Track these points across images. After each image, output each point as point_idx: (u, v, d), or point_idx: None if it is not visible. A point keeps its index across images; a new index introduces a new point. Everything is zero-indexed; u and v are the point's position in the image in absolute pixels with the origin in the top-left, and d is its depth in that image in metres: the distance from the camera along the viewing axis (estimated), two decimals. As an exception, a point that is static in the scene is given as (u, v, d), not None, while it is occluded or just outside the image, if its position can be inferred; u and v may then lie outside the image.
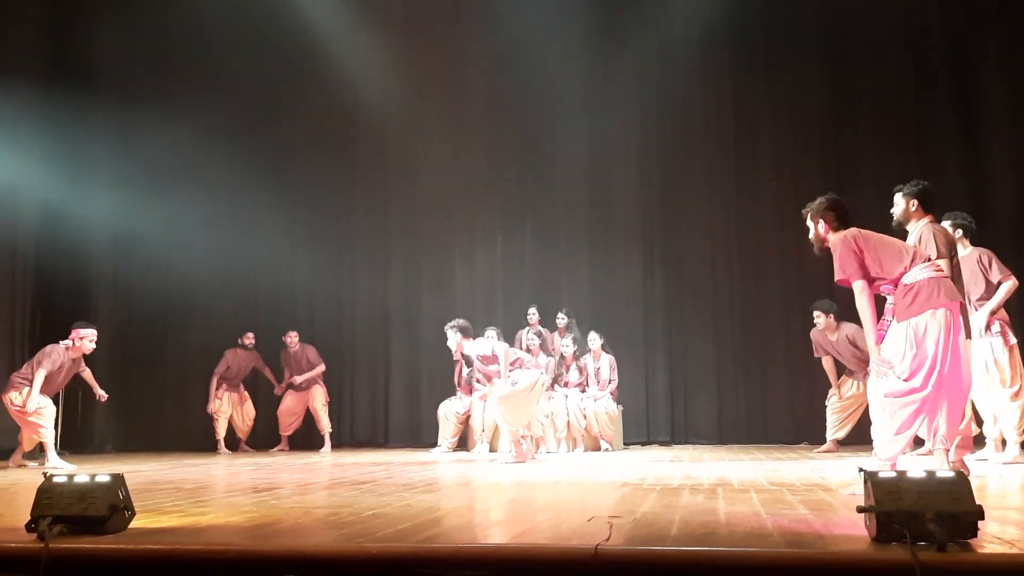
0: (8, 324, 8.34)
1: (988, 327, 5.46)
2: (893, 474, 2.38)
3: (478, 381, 8.18)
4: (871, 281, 3.87)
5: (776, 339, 8.99)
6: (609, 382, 8.39)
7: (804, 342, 7.89)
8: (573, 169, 9.80)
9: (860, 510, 2.39)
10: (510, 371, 6.64)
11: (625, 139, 9.76)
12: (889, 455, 3.77)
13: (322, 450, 8.99)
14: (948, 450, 3.82)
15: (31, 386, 6.66)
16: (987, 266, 5.56)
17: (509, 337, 8.79)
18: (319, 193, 10.16)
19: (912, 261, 3.83)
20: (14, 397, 6.72)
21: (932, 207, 4.69)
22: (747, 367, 9.19)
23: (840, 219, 4.04)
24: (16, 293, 8.49)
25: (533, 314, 8.76)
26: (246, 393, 9.40)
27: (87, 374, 7.22)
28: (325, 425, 9.23)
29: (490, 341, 7.24)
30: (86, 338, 6.95)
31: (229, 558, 2.43)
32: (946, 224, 5.73)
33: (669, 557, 2.28)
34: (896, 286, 3.85)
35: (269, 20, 9.64)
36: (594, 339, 8.48)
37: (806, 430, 8.36)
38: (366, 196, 10.25)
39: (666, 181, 9.69)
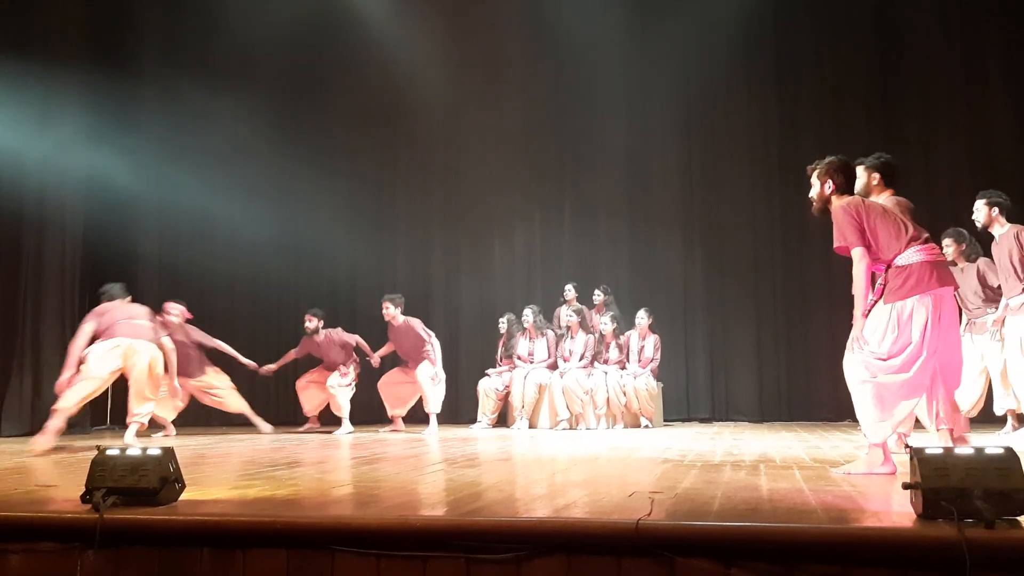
0: (58, 301, 8.56)
1: None
2: (940, 450, 2.34)
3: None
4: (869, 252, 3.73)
5: (819, 315, 8.85)
6: (651, 360, 8.37)
7: (847, 317, 7.75)
8: (612, 148, 9.74)
9: (906, 487, 2.36)
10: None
11: (665, 118, 9.65)
12: (878, 439, 3.67)
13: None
14: (952, 430, 3.71)
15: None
16: (1022, 243, 5.43)
17: (548, 315, 8.81)
18: (360, 173, 10.23)
19: (908, 242, 3.68)
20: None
21: (894, 182, 4.42)
22: (789, 344, 9.09)
23: (848, 184, 3.90)
24: (65, 271, 8.70)
25: (569, 291, 8.74)
26: (332, 372, 8.67)
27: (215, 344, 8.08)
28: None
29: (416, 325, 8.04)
30: (171, 312, 7.55)
31: (276, 529, 2.48)
32: (980, 203, 5.62)
33: (711, 532, 2.27)
34: (888, 267, 3.72)
35: (311, -2, 9.68)
36: (642, 317, 8.45)
37: (849, 407, 8.19)
38: (406, 176, 10.30)
39: (707, 159, 9.59)
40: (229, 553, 2.46)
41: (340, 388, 8.27)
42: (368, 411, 9.72)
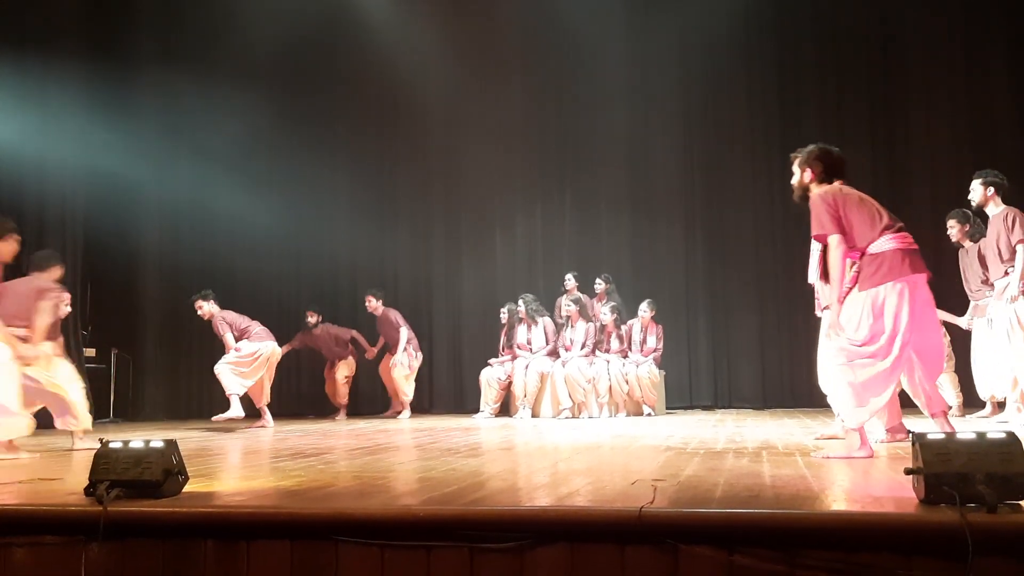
0: (60, 297, 8.53)
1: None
2: (942, 436, 2.34)
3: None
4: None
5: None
6: (654, 351, 8.37)
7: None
8: (613, 138, 9.72)
9: (908, 472, 2.36)
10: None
11: (666, 108, 9.64)
12: (855, 424, 3.69)
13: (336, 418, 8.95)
14: (945, 412, 3.77)
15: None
16: (1010, 226, 5.43)
17: (549, 304, 8.81)
18: (361, 166, 10.22)
19: (882, 231, 3.72)
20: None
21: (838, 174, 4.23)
22: (791, 330, 9.09)
23: (827, 172, 3.96)
24: (66, 266, 8.67)
25: (570, 280, 8.74)
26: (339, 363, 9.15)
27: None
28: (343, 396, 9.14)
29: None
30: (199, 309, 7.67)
31: (280, 520, 2.49)
32: (976, 182, 5.62)
33: (714, 519, 2.28)
34: (862, 255, 3.77)
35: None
36: (645, 309, 8.44)
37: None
38: (407, 168, 10.29)
39: (707, 149, 9.57)
40: (233, 544, 2.47)
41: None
42: (371, 402, 9.76)
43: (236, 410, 7.22)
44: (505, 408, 8.56)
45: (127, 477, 2.65)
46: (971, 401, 6.63)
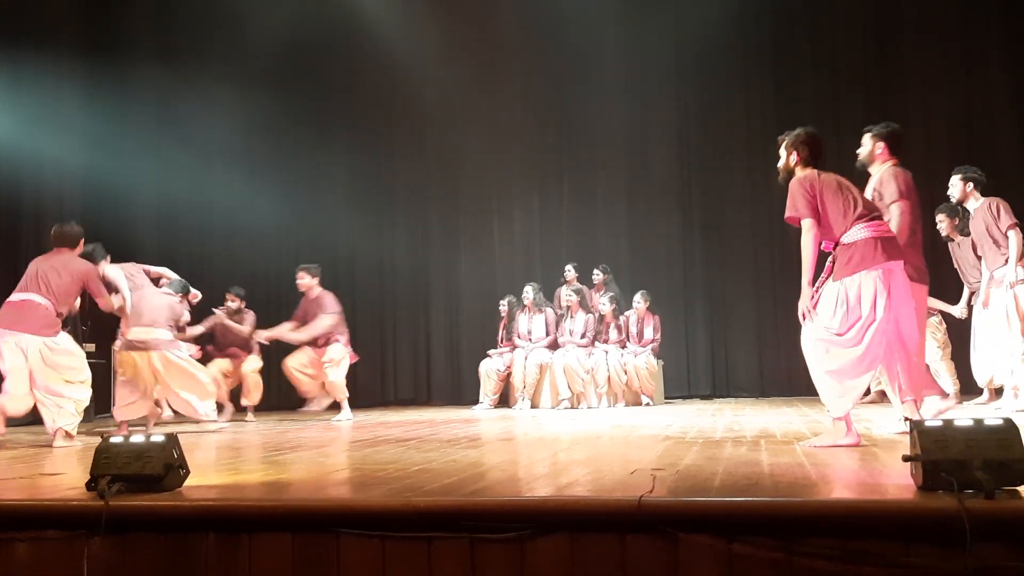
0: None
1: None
2: (940, 423, 2.35)
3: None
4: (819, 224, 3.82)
5: (818, 290, 8.86)
6: (652, 341, 8.38)
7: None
8: (610, 127, 9.71)
9: (906, 459, 2.37)
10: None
11: (662, 98, 9.64)
12: (840, 412, 3.76)
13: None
14: (917, 401, 3.80)
15: None
16: (996, 214, 5.46)
17: (548, 295, 8.82)
18: (357, 157, 10.21)
19: (855, 220, 3.76)
20: None
21: (899, 151, 4.49)
22: (788, 319, 9.01)
23: (812, 156, 4.01)
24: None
25: (570, 271, 8.75)
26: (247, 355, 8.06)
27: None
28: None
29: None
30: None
31: (281, 513, 2.50)
32: (955, 178, 5.64)
33: (713, 508, 2.29)
34: (836, 245, 3.82)
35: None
36: (639, 300, 8.44)
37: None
38: (403, 159, 10.28)
39: (705, 137, 9.57)
40: (235, 537, 2.48)
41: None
42: (369, 394, 9.76)
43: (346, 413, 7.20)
44: (504, 399, 8.58)
45: (128, 471, 2.66)
46: (970, 388, 6.65)
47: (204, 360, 7.33)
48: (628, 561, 2.26)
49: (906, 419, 3.43)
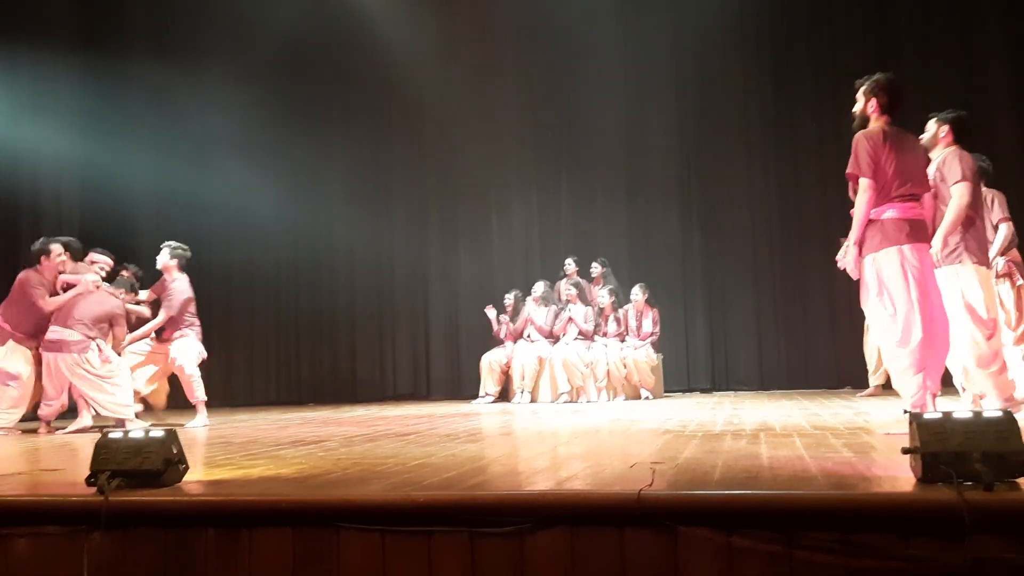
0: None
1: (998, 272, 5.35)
2: (939, 415, 2.35)
3: None
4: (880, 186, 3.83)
5: (816, 284, 8.87)
6: (652, 335, 8.39)
7: (846, 285, 7.71)
8: (609, 121, 9.69)
9: (905, 451, 2.37)
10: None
11: (660, 91, 9.62)
12: (909, 394, 3.78)
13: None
14: (935, 394, 3.79)
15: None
16: (990, 206, 5.42)
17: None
18: (355, 152, 10.20)
19: (893, 199, 3.80)
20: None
21: (964, 137, 4.51)
22: (788, 313, 9.12)
23: (890, 104, 3.97)
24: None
25: (570, 264, 8.75)
26: None
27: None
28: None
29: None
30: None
31: (281, 508, 2.50)
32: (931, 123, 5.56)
33: (713, 501, 2.29)
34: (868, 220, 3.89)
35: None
36: (637, 293, 8.44)
37: (849, 374, 8.29)
38: (401, 153, 10.26)
39: (703, 129, 9.56)
40: (235, 532, 2.48)
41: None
42: (368, 389, 9.77)
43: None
44: (503, 394, 8.58)
45: (128, 467, 2.66)
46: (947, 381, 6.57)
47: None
48: (628, 555, 2.26)
49: (904, 411, 3.44)
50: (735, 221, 9.37)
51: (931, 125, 4.61)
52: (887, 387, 7.45)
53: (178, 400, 6.97)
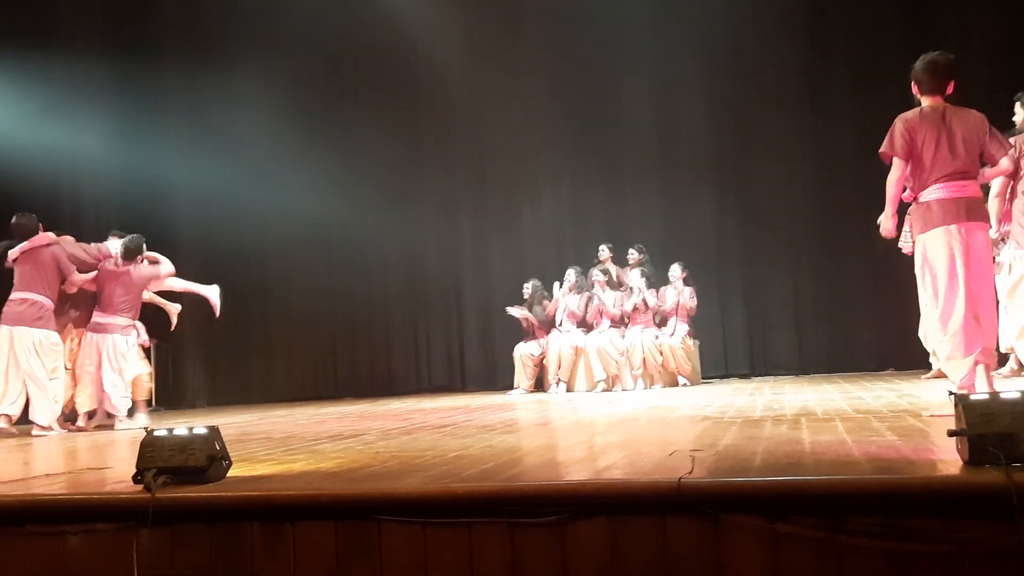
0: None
1: None
2: (985, 396, 2.31)
3: None
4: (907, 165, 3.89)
5: (857, 264, 8.70)
6: (689, 310, 8.31)
7: (888, 265, 7.56)
8: (638, 103, 9.60)
9: (951, 433, 2.33)
10: None
11: (691, 68, 9.47)
12: (959, 378, 3.77)
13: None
14: (989, 366, 3.79)
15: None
16: None
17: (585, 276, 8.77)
18: (385, 146, 10.22)
19: (936, 179, 3.82)
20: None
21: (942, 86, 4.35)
22: (827, 294, 8.98)
23: (933, 84, 3.93)
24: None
25: (603, 251, 8.72)
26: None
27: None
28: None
29: None
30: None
31: (323, 502, 2.52)
32: (1018, 105, 5.36)
33: (754, 488, 2.27)
34: (915, 200, 3.95)
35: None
36: (675, 270, 8.38)
37: (892, 356, 8.16)
38: (431, 146, 10.28)
39: (736, 110, 9.41)
40: (279, 526, 2.51)
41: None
42: (404, 382, 9.80)
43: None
44: (539, 384, 8.58)
45: (173, 464, 2.70)
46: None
47: None
48: (669, 543, 2.25)
49: (950, 392, 3.40)
50: (770, 202, 9.24)
51: (1019, 108, 4.73)
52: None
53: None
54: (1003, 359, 6.10)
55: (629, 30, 9.49)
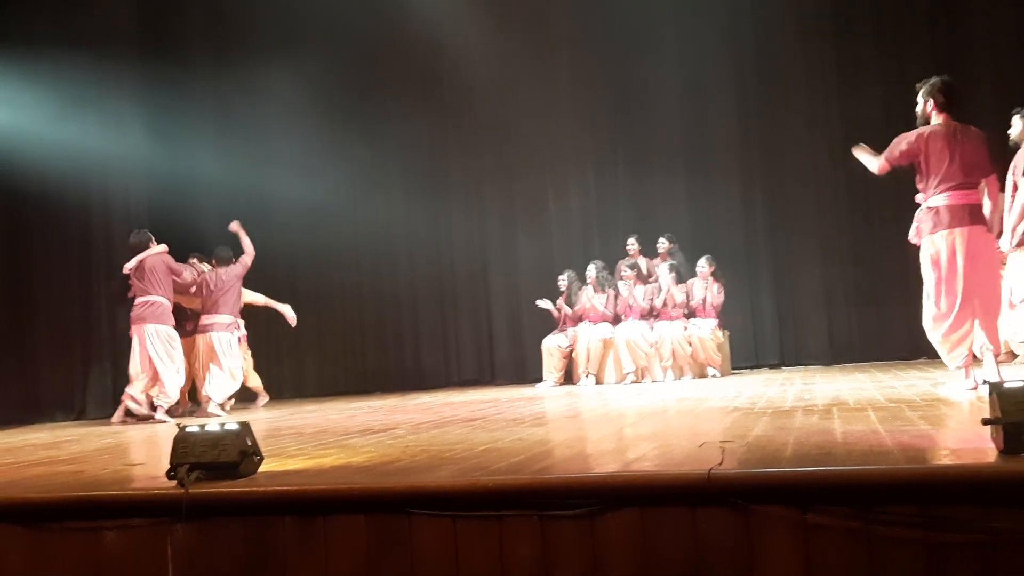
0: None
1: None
2: (1020, 384, 2.27)
3: None
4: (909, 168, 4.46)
5: (886, 252, 8.55)
6: (717, 306, 8.27)
7: (916, 253, 7.45)
8: (664, 94, 9.51)
9: (986, 422, 2.29)
10: None
11: (718, 61, 9.39)
12: (953, 367, 4.39)
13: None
14: (997, 354, 4.25)
15: None
16: None
17: (609, 269, 8.75)
18: (412, 141, 10.23)
19: (940, 187, 4.29)
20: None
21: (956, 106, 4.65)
22: (857, 283, 8.86)
23: (948, 103, 4.39)
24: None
25: (632, 244, 8.68)
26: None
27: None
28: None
29: None
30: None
31: (354, 496, 2.55)
32: (1016, 117, 5.31)
33: (785, 478, 2.25)
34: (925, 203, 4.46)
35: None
36: (703, 265, 8.34)
37: (924, 344, 8.01)
38: (457, 139, 10.27)
39: (764, 99, 9.31)
40: (311, 520, 2.54)
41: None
42: (433, 376, 9.82)
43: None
44: (568, 376, 8.57)
45: (205, 459, 2.74)
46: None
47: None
48: (700, 534, 2.24)
49: (985, 381, 3.45)
50: (799, 191, 9.13)
51: (1016, 120, 4.95)
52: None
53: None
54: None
55: (656, 16, 9.40)
